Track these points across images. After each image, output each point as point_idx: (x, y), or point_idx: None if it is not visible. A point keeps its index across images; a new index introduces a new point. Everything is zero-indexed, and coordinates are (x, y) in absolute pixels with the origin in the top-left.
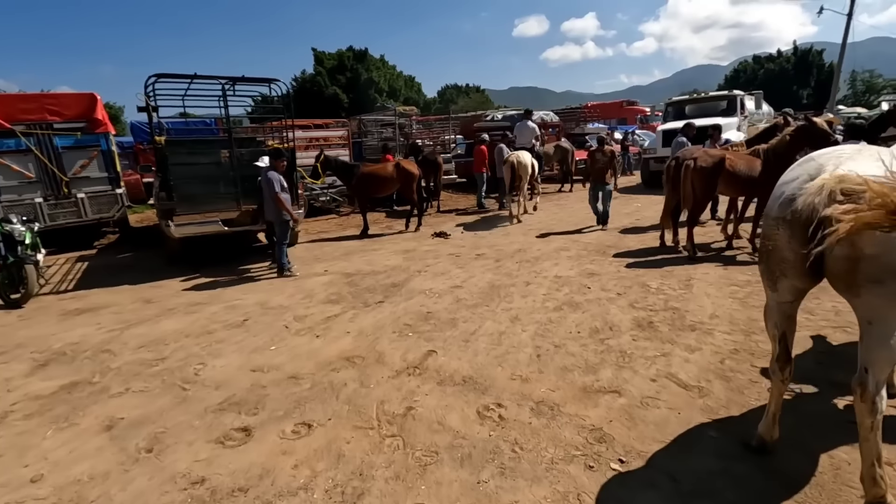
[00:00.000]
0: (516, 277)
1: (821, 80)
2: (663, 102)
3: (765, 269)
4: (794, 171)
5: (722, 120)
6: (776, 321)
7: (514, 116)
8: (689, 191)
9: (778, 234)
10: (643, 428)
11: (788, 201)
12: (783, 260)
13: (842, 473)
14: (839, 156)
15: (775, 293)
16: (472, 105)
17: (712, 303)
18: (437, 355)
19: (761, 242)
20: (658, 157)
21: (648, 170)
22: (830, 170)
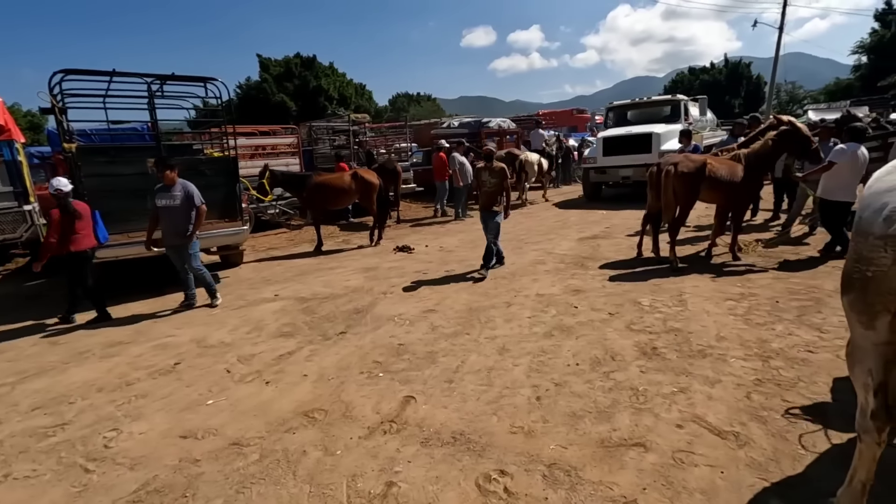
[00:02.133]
0: (495, 297)
1: (750, 91)
2: (604, 107)
3: (858, 300)
4: (893, 175)
5: (666, 127)
6: (871, 367)
7: (472, 123)
8: (670, 198)
9: (885, 256)
10: (688, 499)
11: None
12: (892, 291)
13: None
14: None
15: (871, 332)
16: (423, 113)
17: (714, 321)
18: (416, 403)
19: (852, 267)
20: (599, 167)
21: (589, 181)
22: None
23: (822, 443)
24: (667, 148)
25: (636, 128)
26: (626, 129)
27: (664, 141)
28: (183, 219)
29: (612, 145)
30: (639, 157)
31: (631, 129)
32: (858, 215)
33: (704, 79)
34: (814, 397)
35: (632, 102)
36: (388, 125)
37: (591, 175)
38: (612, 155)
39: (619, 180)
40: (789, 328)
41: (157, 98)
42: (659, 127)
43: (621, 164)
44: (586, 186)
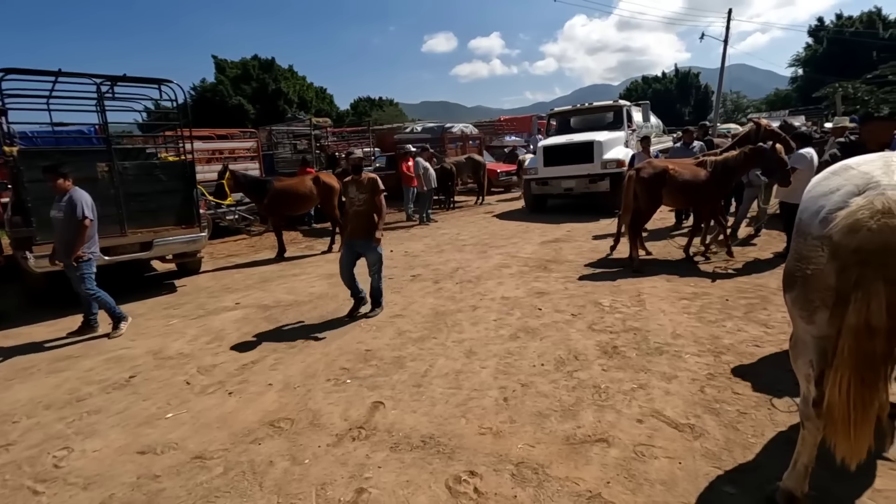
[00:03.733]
0: (461, 301)
1: (698, 99)
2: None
3: (799, 297)
4: (830, 180)
5: (609, 134)
6: (812, 359)
7: (434, 129)
8: (629, 200)
9: (821, 255)
10: (649, 490)
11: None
12: (827, 287)
13: None
14: (887, 163)
15: (812, 326)
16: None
17: (670, 320)
18: (385, 408)
19: (793, 266)
20: (541, 178)
21: (531, 193)
22: (883, 180)
23: (769, 431)
24: (611, 157)
25: (577, 136)
26: (568, 138)
27: (607, 149)
28: (67, 233)
29: (553, 155)
30: (581, 167)
31: (572, 137)
32: (798, 217)
33: (657, 87)
34: (760, 388)
35: (573, 108)
36: (351, 130)
37: (532, 187)
38: (554, 165)
39: (562, 192)
40: (738, 325)
41: (108, 100)
42: (601, 135)
43: (563, 174)
44: (528, 199)
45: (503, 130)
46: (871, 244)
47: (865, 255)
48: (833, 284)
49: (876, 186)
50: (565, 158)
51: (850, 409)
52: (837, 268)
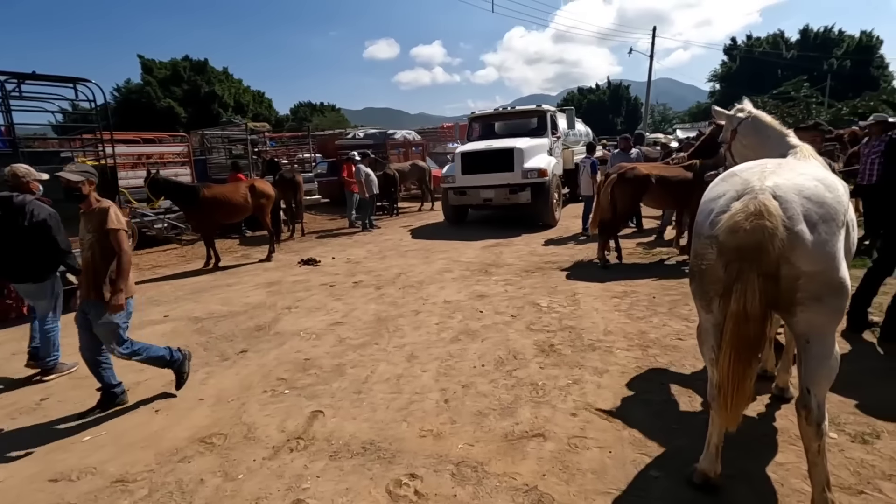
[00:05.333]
0: (403, 306)
1: (629, 110)
2: (467, 117)
3: (697, 289)
4: (718, 186)
5: (531, 141)
6: (714, 345)
7: (377, 135)
8: (606, 202)
9: (711, 252)
10: (581, 479)
11: (719, 220)
12: (718, 280)
13: (786, 500)
14: (763, 170)
15: (710, 315)
16: (327, 123)
17: (602, 318)
18: (325, 417)
19: (693, 262)
20: (459, 187)
21: (449, 204)
22: (757, 185)
23: (690, 417)
24: (532, 166)
25: (497, 142)
26: (487, 144)
27: (528, 157)
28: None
29: (472, 162)
30: (500, 175)
31: (491, 143)
32: (696, 219)
33: (591, 98)
34: (683, 379)
35: (495, 112)
36: (290, 135)
37: (450, 196)
38: (472, 173)
39: (481, 202)
40: (663, 320)
41: (14, 99)
42: (522, 141)
43: (482, 183)
44: (446, 209)
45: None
46: (747, 243)
47: (743, 252)
48: (721, 278)
49: (752, 191)
50: (484, 166)
51: (730, 382)
52: (723, 263)
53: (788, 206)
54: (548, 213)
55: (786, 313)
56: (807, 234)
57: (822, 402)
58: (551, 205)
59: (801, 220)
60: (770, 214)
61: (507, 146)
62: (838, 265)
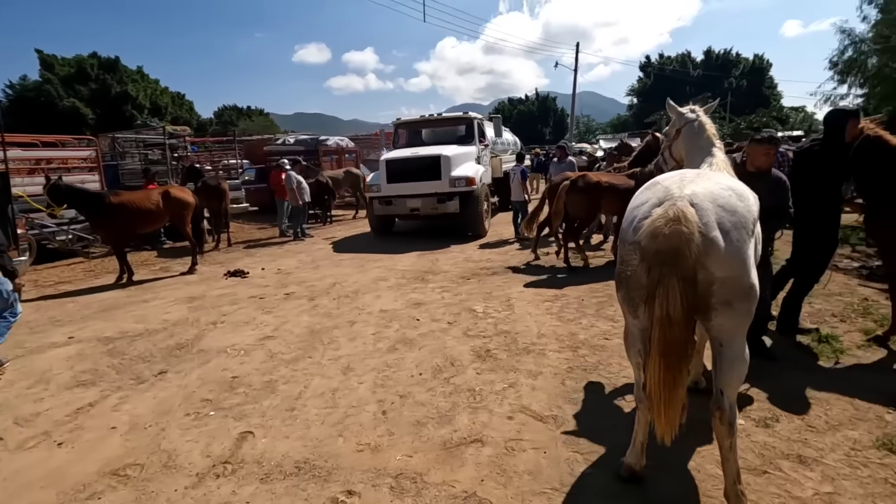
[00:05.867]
0: (338, 317)
1: (556, 121)
2: (393, 123)
3: (624, 295)
4: (642, 194)
5: (458, 148)
6: (640, 349)
7: (308, 141)
8: (559, 209)
9: (635, 258)
10: (518, 481)
11: (641, 225)
12: (643, 286)
13: (704, 487)
14: (682, 179)
15: (636, 319)
16: (255, 128)
17: (535, 321)
18: (255, 437)
19: (619, 268)
20: (384, 196)
21: (374, 214)
22: (676, 193)
23: (619, 414)
24: (460, 174)
25: (423, 149)
26: (413, 151)
27: (455, 165)
28: None
29: (398, 170)
30: (427, 184)
31: (417, 150)
32: (622, 226)
33: (521, 109)
34: (610, 376)
35: (421, 119)
36: (215, 140)
37: (375, 206)
38: (398, 182)
39: (408, 213)
40: (591, 321)
41: None
42: (449, 149)
43: (408, 192)
44: (372, 220)
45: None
46: (667, 247)
47: (664, 256)
48: (645, 283)
49: (671, 198)
50: (411, 174)
51: (661, 390)
52: (646, 268)
53: (704, 213)
54: (477, 223)
55: (703, 318)
56: (720, 240)
57: (734, 402)
58: (481, 214)
59: (715, 227)
60: (687, 220)
61: (433, 154)
62: (748, 271)
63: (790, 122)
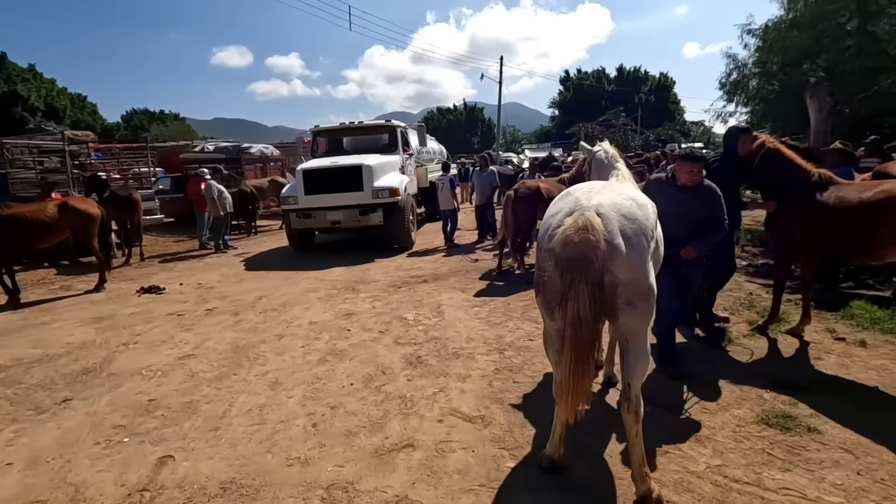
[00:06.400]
0: (265, 332)
1: (484, 131)
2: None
3: (542, 299)
4: (556, 204)
5: (381, 158)
6: (557, 348)
7: (230, 148)
8: (508, 218)
9: (550, 264)
10: (448, 481)
11: (555, 234)
12: (557, 290)
13: (616, 470)
14: (590, 190)
15: (553, 321)
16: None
17: (465, 326)
18: (175, 461)
19: (537, 273)
20: (302, 209)
21: (292, 228)
22: (585, 203)
23: (541, 410)
24: (383, 184)
25: (343, 159)
26: (332, 160)
27: (378, 175)
28: None
29: (316, 180)
30: (349, 195)
31: (337, 160)
32: (539, 234)
33: (450, 118)
34: (534, 375)
35: (341, 126)
36: (123, 146)
37: (293, 219)
38: (317, 193)
39: (329, 225)
40: (517, 324)
41: None
42: (371, 158)
43: (328, 204)
44: (290, 234)
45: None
46: (577, 254)
47: (574, 262)
48: (559, 287)
49: (580, 208)
50: (330, 185)
51: (571, 380)
52: (559, 273)
53: (609, 222)
54: (403, 235)
55: (610, 317)
56: (622, 246)
57: (639, 393)
58: (407, 226)
59: (618, 235)
60: (594, 229)
61: (354, 163)
62: (647, 273)
63: (692, 135)
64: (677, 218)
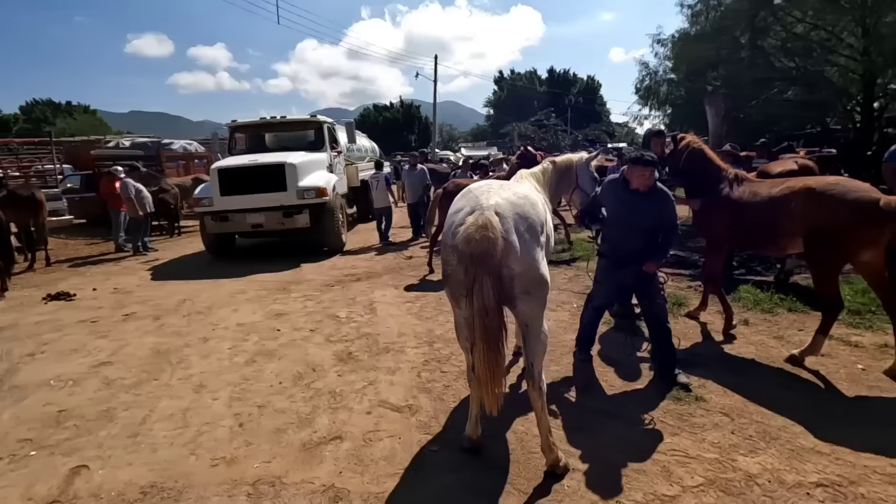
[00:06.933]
0: (189, 335)
1: (421, 129)
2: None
3: (448, 290)
4: (458, 202)
5: (306, 155)
6: (466, 335)
7: (148, 144)
8: (433, 215)
9: (453, 259)
10: (374, 468)
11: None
12: (461, 282)
13: (528, 445)
14: (488, 189)
15: (461, 310)
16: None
17: (396, 322)
18: (90, 471)
19: (443, 267)
20: (218, 211)
21: (207, 232)
22: (484, 203)
23: (464, 395)
24: (309, 184)
25: (264, 157)
26: (251, 158)
27: (304, 174)
28: None
29: (233, 180)
30: (271, 196)
31: (257, 157)
32: (444, 231)
33: (387, 116)
34: (461, 364)
35: (261, 122)
36: (23, 141)
37: (208, 223)
38: (235, 194)
39: (250, 229)
40: (447, 317)
41: None
42: (295, 156)
43: (248, 206)
44: (206, 239)
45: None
46: (478, 251)
47: (476, 258)
48: (463, 280)
49: (480, 208)
50: (250, 185)
51: (486, 370)
52: (464, 268)
53: (505, 220)
54: (333, 237)
55: (510, 305)
56: (517, 243)
57: (541, 371)
58: (337, 227)
59: (513, 232)
60: (493, 228)
61: (276, 161)
62: (539, 265)
63: (617, 136)
64: (627, 220)
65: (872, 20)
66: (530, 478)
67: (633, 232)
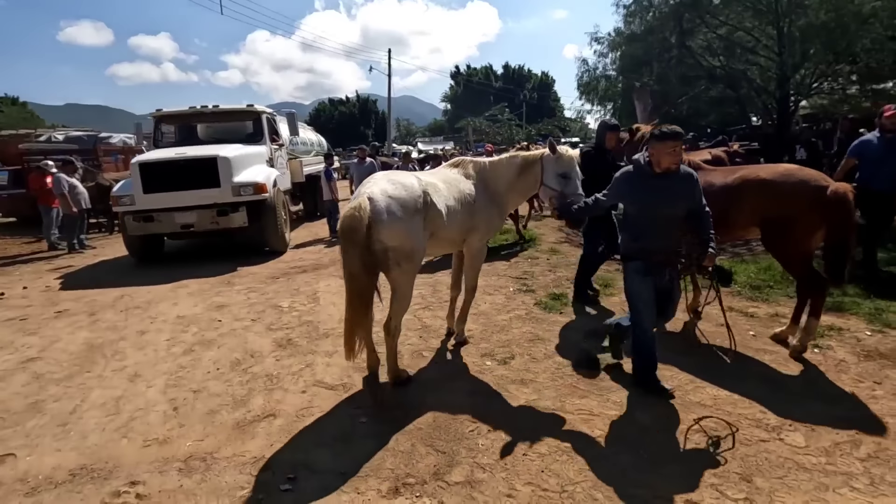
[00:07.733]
0: (125, 329)
1: (378, 123)
2: (150, 116)
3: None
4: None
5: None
6: None
7: (84, 138)
8: None
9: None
10: (303, 439)
11: None
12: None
13: (452, 413)
14: (371, 180)
15: None
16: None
17: (338, 310)
18: (16, 458)
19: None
20: (141, 210)
21: (128, 234)
22: (364, 191)
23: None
24: (245, 180)
25: (194, 150)
26: (179, 152)
27: (239, 168)
28: None
29: (158, 176)
30: (202, 193)
31: (185, 151)
32: None
33: (343, 110)
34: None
35: (191, 111)
36: None
37: (129, 224)
38: (160, 191)
39: (179, 230)
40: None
41: None
42: (230, 149)
43: (176, 204)
44: (127, 242)
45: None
46: (347, 227)
47: (345, 233)
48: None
49: (360, 195)
50: (178, 181)
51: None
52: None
53: (376, 204)
54: (275, 237)
55: (385, 272)
56: (387, 221)
57: (399, 324)
58: (278, 226)
59: (384, 213)
60: (362, 210)
61: (207, 154)
62: (409, 240)
63: (570, 130)
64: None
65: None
66: (450, 439)
67: (667, 224)
